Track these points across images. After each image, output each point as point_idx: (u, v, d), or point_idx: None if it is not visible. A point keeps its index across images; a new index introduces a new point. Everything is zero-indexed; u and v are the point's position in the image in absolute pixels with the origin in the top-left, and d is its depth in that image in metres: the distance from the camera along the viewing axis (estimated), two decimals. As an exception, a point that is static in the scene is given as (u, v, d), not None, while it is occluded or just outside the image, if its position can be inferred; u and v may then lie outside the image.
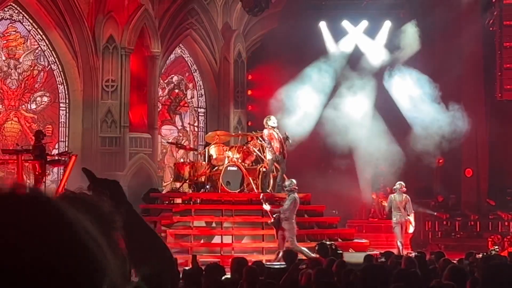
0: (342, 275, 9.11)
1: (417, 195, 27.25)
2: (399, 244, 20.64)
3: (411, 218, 21.28)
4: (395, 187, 22.02)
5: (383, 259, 12.74)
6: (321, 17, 29.40)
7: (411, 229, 21.35)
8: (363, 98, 28.73)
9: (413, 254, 14.52)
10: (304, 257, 15.71)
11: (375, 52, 29.17)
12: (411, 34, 28.40)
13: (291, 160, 22.86)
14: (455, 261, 12.21)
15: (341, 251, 17.04)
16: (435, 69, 28.24)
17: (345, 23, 29.42)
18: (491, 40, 28.57)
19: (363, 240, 22.89)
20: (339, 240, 21.19)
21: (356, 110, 28.54)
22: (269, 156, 21.87)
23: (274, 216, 18.76)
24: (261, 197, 19.64)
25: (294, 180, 19.38)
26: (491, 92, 28.48)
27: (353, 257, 16.44)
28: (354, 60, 29.20)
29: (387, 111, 28.35)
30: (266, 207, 18.98)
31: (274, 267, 13.27)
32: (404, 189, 21.57)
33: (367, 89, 28.88)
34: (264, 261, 15.29)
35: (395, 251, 17.76)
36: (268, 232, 21.09)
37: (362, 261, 12.62)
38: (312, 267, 10.53)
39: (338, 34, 29.55)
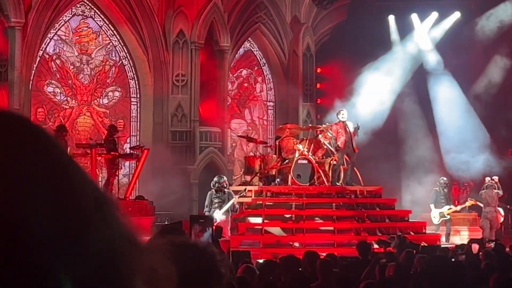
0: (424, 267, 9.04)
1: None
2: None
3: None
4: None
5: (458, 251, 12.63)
6: (390, 10, 29.18)
7: None
8: (433, 92, 28.70)
9: (492, 245, 14.51)
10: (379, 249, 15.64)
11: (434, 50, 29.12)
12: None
13: (362, 153, 22.81)
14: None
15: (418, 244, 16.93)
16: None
17: (414, 17, 29.18)
18: None
19: (436, 233, 22.78)
20: (411, 233, 21.04)
21: (424, 104, 28.54)
22: (339, 148, 21.84)
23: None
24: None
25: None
26: None
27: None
28: (421, 55, 29.16)
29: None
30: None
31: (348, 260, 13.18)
32: None
33: (434, 83, 28.89)
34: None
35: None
36: (339, 225, 21.09)
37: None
38: (390, 260, 10.50)
39: (406, 27, 29.34)
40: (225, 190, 18.95)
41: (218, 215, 18.33)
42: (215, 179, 19.33)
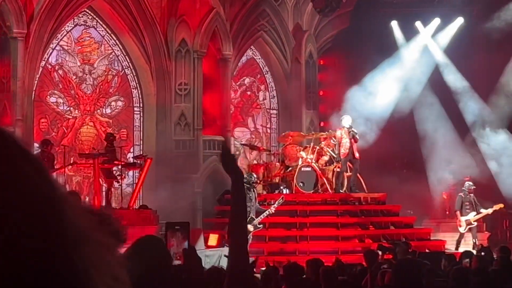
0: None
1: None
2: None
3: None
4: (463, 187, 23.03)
5: (467, 260, 12.56)
6: (393, 16, 29.16)
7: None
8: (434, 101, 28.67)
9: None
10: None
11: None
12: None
13: (364, 160, 22.76)
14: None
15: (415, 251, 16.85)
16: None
17: (418, 24, 29.11)
18: None
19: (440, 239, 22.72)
20: (415, 240, 20.99)
21: (427, 111, 28.57)
22: (341, 156, 21.81)
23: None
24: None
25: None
26: None
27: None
28: (424, 61, 29.12)
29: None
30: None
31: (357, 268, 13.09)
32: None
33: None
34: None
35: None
36: (343, 232, 21.04)
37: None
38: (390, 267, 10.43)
39: (410, 33, 29.28)
40: (254, 189, 18.57)
41: (254, 226, 18.14)
42: (246, 176, 18.22)
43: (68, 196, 1.09)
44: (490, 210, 22.65)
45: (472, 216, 22.37)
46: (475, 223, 22.52)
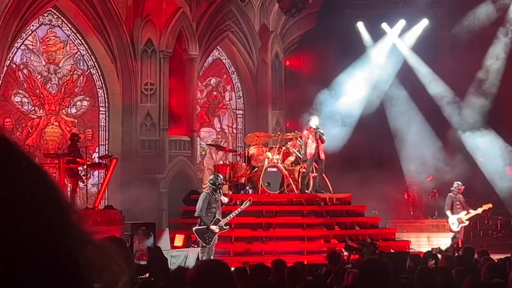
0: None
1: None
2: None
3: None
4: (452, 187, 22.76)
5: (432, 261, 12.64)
6: (359, 17, 29.30)
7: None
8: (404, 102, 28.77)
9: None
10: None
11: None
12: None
13: (330, 160, 22.82)
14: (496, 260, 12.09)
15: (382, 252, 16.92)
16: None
17: (384, 25, 29.23)
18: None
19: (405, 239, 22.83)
20: (380, 240, 21.09)
21: (396, 111, 28.66)
22: (308, 156, 21.84)
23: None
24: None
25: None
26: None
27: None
28: (392, 60, 29.20)
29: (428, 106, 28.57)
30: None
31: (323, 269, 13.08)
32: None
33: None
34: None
35: None
36: (309, 233, 21.08)
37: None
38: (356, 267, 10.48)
39: (376, 34, 29.41)
40: (220, 190, 18.39)
41: (219, 227, 17.95)
42: (212, 177, 18.30)
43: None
44: (479, 210, 22.48)
45: (463, 214, 22.33)
46: (467, 222, 22.49)
